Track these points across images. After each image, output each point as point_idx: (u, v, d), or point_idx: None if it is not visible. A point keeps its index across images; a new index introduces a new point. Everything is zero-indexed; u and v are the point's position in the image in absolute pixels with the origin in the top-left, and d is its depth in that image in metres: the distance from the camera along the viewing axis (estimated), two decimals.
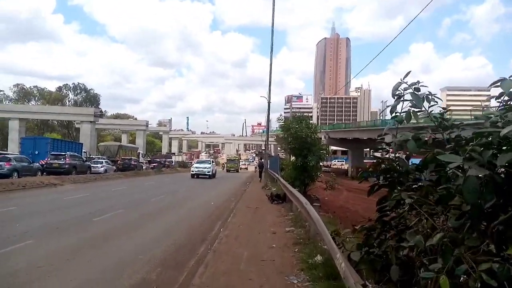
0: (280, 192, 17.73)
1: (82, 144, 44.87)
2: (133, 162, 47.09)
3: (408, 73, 4.21)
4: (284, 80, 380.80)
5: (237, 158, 69.81)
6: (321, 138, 17.29)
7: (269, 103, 24.80)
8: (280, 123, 17.04)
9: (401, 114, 4.09)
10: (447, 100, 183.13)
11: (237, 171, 59.04)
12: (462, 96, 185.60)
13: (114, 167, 40.82)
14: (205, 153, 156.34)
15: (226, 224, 10.50)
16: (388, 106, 4.58)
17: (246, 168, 75.16)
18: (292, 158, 18.51)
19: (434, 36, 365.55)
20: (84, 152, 41.08)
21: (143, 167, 51.01)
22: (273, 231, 9.44)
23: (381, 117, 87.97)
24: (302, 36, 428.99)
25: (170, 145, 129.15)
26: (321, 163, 18.15)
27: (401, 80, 4.33)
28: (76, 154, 34.25)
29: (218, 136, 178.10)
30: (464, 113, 44.62)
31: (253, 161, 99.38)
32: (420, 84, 4.05)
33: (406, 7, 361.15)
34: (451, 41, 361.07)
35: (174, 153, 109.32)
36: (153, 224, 10.81)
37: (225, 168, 62.44)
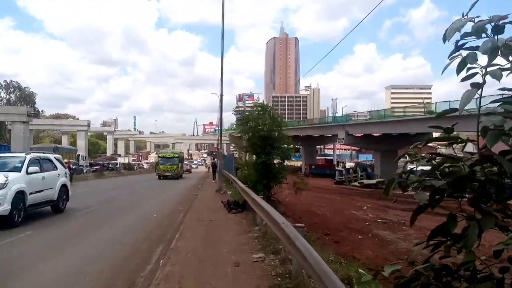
0: (238, 198, 14.92)
1: (9, 146, 40.01)
2: (71, 166, 42.90)
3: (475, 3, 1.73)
4: (234, 80, 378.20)
5: (176, 155, 41.07)
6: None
7: (221, 95, 21.84)
8: (237, 115, 14.04)
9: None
10: (391, 98, 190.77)
11: (178, 177, 37.74)
12: (405, 94, 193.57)
13: None
14: (155, 154, 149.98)
15: (169, 251, 7.49)
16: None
17: (189, 171, 56.76)
18: (250, 157, 15.62)
19: (376, 38, 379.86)
20: None
21: (84, 171, 46.54)
22: (236, 261, 6.57)
23: (332, 114, 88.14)
24: (251, 36, 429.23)
25: (115, 146, 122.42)
26: (287, 162, 15.53)
27: (464, 15, 1.83)
28: None
29: (168, 135, 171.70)
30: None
31: (202, 164, 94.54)
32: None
33: (348, 9, 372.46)
34: (392, 42, 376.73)
35: (119, 155, 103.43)
36: (55, 261, 7.28)
37: (156, 172, 39.82)
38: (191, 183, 32.42)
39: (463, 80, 2.03)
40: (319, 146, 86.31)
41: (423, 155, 2.55)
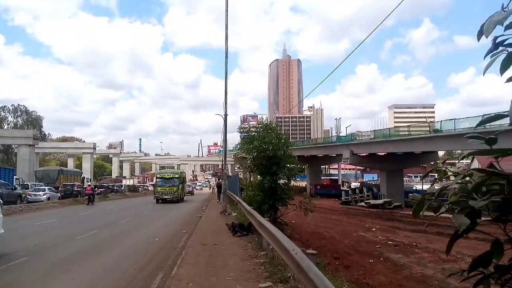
0: (243, 220, 14.41)
1: (12, 169, 40.33)
2: (76, 188, 43.08)
3: None
4: (238, 101, 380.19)
5: (176, 176, 35.83)
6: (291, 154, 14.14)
7: (225, 115, 21.58)
8: (242, 134, 13.62)
9: None
10: (395, 118, 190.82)
11: (178, 200, 33.79)
12: (408, 113, 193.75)
13: (59, 194, 37.12)
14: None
15: (169, 280, 7.00)
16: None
17: (191, 193, 55.43)
18: (255, 177, 15.17)
19: (378, 58, 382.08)
20: (16, 178, 37.14)
21: None
22: None
23: (336, 134, 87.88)
24: (254, 58, 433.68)
25: (121, 168, 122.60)
26: (293, 182, 15.04)
27: (504, 7, 1.49)
28: (2, 181, 29.76)
29: (173, 157, 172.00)
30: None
31: (206, 185, 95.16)
32: None
33: (348, 30, 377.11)
34: (393, 62, 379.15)
35: (125, 177, 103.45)
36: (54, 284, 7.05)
37: (154, 195, 35.18)
38: (194, 206, 31.86)
39: (508, 81, 1.65)
40: (324, 166, 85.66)
41: (457, 171, 2.12)
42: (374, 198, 45.42)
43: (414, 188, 60.07)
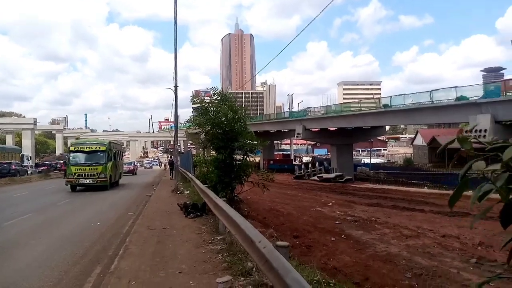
0: (196, 199, 13.33)
1: None
2: (13, 167, 39.87)
3: None
4: (189, 76, 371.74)
5: (101, 148, 23.74)
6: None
7: (175, 87, 20.03)
8: (195, 104, 12.20)
9: None
10: (344, 94, 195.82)
11: (107, 184, 23.17)
12: (356, 90, 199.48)
13: None
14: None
15: (107, 276, 5.81)
16: None
17: (133, 172, 46.88)
18: (209, 153, 13.94)
19: (327, 35, 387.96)
20: None
21: (28, 172, 43.10)
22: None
23: (289, 109, 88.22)
24: (205, 32, 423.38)
25: (65, 145, 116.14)
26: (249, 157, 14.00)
27: None
28: None
29: (122, 133, 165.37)
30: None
31: (157, 163, 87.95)
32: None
33: (299, 7, 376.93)
34: (342, 40, 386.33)
35: None
36: None
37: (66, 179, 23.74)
38: (144, 182, 30.11)
39: None
40: (276, 142, 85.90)
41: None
42: (326, 172, 46.01)
43: (362, 161, 61.79)
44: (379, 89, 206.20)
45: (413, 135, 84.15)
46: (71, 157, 23.14)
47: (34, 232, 10.05)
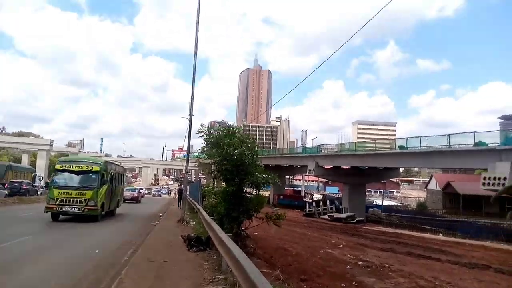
0: (201, 232, 12.79)
1: None
2: (24, 186, 40.01)
3: None
4: (206, 107, 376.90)
5: (94, 168, 19.20)
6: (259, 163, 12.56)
7: (191, 115, 19.89)
8: (204, 137, 11.83)
9: None
10: (358, 133, 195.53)
11: (98, 214, 18.56)
12: (371, 130, 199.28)
13: (6, 192, 34.29)
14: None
15: None
16: None
17: (137, 200, 42.15)
18: (219, 184, 13.47)
19: (344, 75, 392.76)
20: None
21: (38, 192, 43.24)
22: None
23: (302, 145, 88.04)
24: (224, 66, 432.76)
25: None
26: (261, 192, 13.51)
27: None
28: None
29: (135, 159, 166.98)
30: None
31: (166, 192, 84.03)
32: None
33: (318, 46, 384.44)
34: (358, 80, 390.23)
35: None
36: None
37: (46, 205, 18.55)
38: (150, 211, 29.57)
39: None
40: (288, 177, 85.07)
41: None
42: (337, 211, 44.98)
43: (374, 203, 60.46)
44: (394, 130, 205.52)
45: (427, 179, 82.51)
46: (55, 178, 18.97)
47: (30, 256, 9.60)
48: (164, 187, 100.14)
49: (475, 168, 39.67)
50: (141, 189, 63.30)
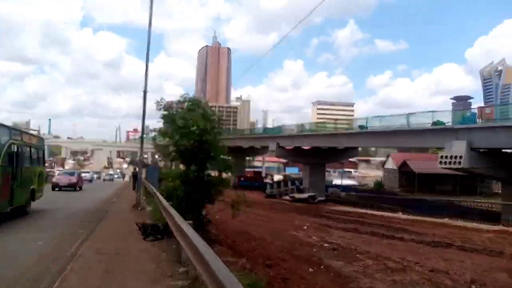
0: (158, 218, 11.82)
1: None
2: None
3: None
4: (162, 86, 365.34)
5: None
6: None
7: (145, 92, 18.51)
8: (161, 111, 10.64)
9: None
10: (317, 114, 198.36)
11: None
12: (330, 110, 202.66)
13: None
14: (72, 161, 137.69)
15: None
16: None
17: (76, 186, 32.14)
18: (178, 166, 12.32)
19: (304, 55, 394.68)
20: None
21: None
22: None
23: (263, 126, 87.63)
24: (182, 43, 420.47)
25: None
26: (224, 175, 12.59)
27: None
28: None
29: (87, 141, 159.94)
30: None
31: (118, 176, 76.73)
32: None
33: (279, 24, 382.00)
34: (318, 59, 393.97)
35: None
36: None
37: None
38: (105, 195, 27.79)
39: None
40: (248, 158, 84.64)
41: None
42: (298, 191, 45.10)
43: (333, 182, 61.46)
44: (352, 110, 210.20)
45: (384, 158, 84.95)
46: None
47: None
48: (115, 172, 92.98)
49: (434, 147, 40.88)
50: (86, 172, 57.99)
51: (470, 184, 52.98)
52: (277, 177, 70.76)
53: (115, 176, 74.63)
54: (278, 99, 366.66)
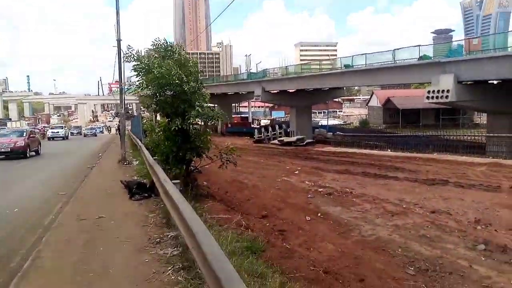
0: (145, 173, 11.16)
1: None
2: None
3: None
4: (140, 35, 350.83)
5: None
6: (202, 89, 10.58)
7: (119, 40, 17.02)
8: (133, 62, 9.42)
9: None
10: (300, 55, 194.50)
11: None
12: (313, 51, 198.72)
13: None
14: (58, 116, 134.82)
15: None
16: None
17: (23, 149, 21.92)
18: (163, 118, 11.34)
19: None
20: None
21: None
22: None
23: (247, 71, 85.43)
24: None
25: (6, 109, 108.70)
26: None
27: None
28: None
29: (69, 96, 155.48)
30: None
31: (100, 131, 71.05)
32: None
33: None
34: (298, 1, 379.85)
35: (10, 119, 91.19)
36: None
37: None
38: (92, 150, 26.78)
39: None
40: (234, 104, 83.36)
41: None
42: (285, 135, 44.77)
43: (320, 123, 61.32)
44: (335, 50, 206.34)
45: (368, 96, 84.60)
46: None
47: None
48: (97, 125, 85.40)
49: (421, 83, 40.21)
50: (59, 127, 51.57)
51: (452, 117, 53.84)
52: (264, 122, 70.14)
53: (98, 130, 67.75)
54: (260, 42, 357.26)
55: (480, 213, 9.29)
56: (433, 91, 24.62)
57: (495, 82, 24.76)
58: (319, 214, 9.93)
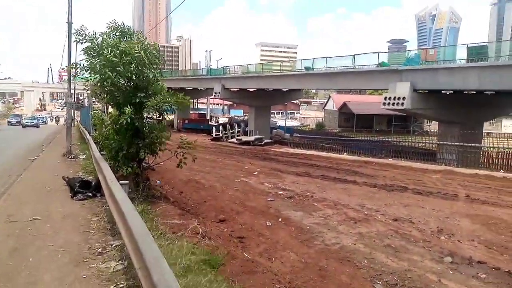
0: (91, 170, 10.14)
1: None
2: None
3: None
4: (96, 25, 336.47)
5: None
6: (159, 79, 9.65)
7: (69, 24, 15.61)
8: (85, 42, 8.28)
9: None
10: (261, 56, 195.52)
11: None
12: (274, 52, 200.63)
13: None
14: (2, 103, 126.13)
15: None
16: None
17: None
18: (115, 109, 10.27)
19: None
20: None
21: None
22: None
23: (206, 67, 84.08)
24: None
25: None
26: (166, 119, 10.86)
27: None
28: None
29: (14, 82, 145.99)
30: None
31: (43, 121, 63.35)
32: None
33: None
34: (261, 1, 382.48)
35: None
36: None
37: None
38: (36, 140, 24.86)
39: None
40: (192, 100, 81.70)
41: None
42: (243, 134, 44.28)
43: (277, 124, 61.49)
44: (295, 52, 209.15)
45: (324, 100, 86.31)
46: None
47: None
48: (41, 115, 76.74)
49: (379, 89, 41.13)
50: None
51: (404, 124, 56.26)
52: (223, 120, 69.28)
53: (41, 120, 59.01)
54: (222, 39, 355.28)
55: (442, 222, 9.19)
56: (390, 98, 25.05)
57: (448, 92, 25.60)
58: (280, 219, 9.43)
